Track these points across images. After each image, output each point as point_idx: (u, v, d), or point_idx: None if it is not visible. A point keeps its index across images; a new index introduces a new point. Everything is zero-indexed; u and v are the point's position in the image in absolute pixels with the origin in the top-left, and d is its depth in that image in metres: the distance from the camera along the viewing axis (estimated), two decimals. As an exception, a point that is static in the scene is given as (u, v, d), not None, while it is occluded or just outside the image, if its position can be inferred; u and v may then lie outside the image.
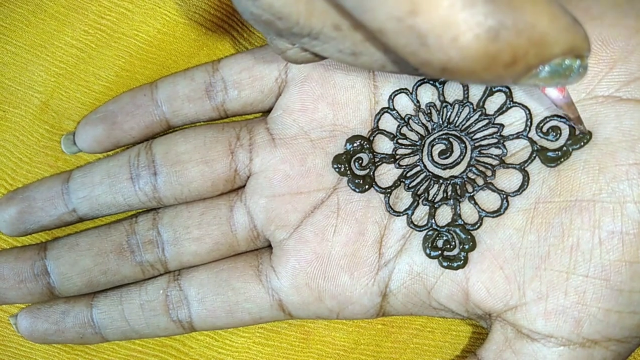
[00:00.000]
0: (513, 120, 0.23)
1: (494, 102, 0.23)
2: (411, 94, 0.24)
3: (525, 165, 0.23)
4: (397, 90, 0.24)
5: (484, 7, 0.14)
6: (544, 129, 0.23)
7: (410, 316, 0.27)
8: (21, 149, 0.28)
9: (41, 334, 0.26)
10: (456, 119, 0.24)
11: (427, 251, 0.24)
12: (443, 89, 0.24)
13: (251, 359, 0.28)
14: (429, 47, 0.14)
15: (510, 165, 0.23)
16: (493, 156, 0.23)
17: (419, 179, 0.24)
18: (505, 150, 0.23)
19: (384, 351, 0.28)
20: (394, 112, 0.24)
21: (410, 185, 0.24)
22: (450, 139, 0.24)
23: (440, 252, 0.24)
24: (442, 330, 0.28)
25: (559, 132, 0.22)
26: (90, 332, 0.26)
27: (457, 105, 0.24)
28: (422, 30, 0.14)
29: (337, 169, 0.25)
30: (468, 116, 0.24)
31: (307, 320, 0.28)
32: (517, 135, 0.23)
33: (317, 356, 0.28)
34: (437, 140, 0.24)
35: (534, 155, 0.23)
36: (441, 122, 0.24)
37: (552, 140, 0.23)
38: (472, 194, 0.23)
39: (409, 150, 0.24)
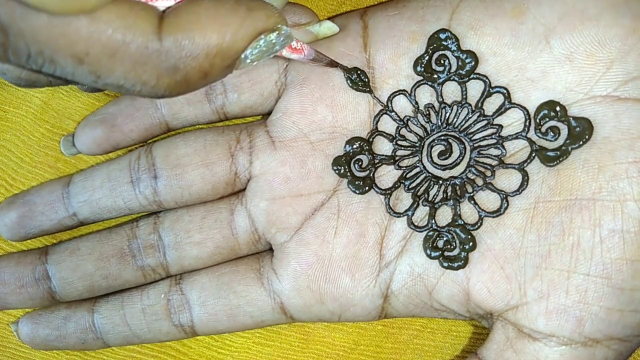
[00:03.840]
0: (512, 121, 0.23)
1: (493, 103, 0.23)
2: (409, 95, 0.24)
3: (525, 165, 0.23)
4: (395, 92, 0.24)
5: (158, 59, 0.16)
6: (543, 129, 0.23)
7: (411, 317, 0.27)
8: (22, 148, 0.28)
9: (42, 340, 0.26)
10: (455, 120, 0.24)
11: (428, 252, 0.24)
12: (441, 90, 0.24)
13: (251, 359, 0.28)
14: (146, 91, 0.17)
15: (509, 166, 0.23)
16: (492, 156, 0.23)
17: (418, 180, 0.24)
18: (504, 151, 0.23)
19: (384, 352, 0.28)
20: (393, 113, 0.24)
21: (410, 187, 0.24)
22: (450, 140, 0.24)
23: (440, 252, 0.24)
24: (442, 331, 0.28)
25: (557, 132, 0.23)
26: (92, 337, 0.26)
27: (455, 106, 0.24)
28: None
29: (337, 171, 0.25)
30: (467, 117, 0.24)
31: (307, 321, 0.28)
32: (516, 136, 0.23)
33: (316, 357, 0.28)
34: (436, 141, 0.24)
35: (533, 155, 0.23)
36: (440, 123, 0.24)
37: (551, 140, 0.23)
38: (471, 194, 0.23)
39: (409, 152, 0.24)
